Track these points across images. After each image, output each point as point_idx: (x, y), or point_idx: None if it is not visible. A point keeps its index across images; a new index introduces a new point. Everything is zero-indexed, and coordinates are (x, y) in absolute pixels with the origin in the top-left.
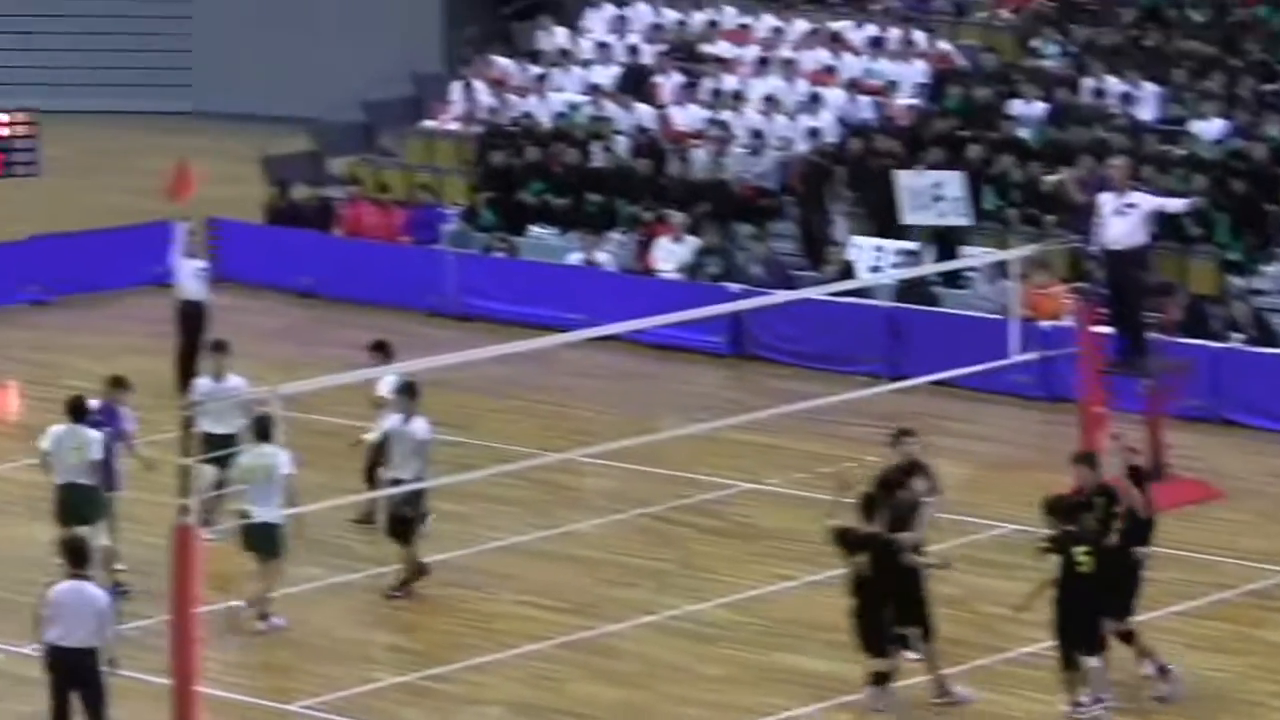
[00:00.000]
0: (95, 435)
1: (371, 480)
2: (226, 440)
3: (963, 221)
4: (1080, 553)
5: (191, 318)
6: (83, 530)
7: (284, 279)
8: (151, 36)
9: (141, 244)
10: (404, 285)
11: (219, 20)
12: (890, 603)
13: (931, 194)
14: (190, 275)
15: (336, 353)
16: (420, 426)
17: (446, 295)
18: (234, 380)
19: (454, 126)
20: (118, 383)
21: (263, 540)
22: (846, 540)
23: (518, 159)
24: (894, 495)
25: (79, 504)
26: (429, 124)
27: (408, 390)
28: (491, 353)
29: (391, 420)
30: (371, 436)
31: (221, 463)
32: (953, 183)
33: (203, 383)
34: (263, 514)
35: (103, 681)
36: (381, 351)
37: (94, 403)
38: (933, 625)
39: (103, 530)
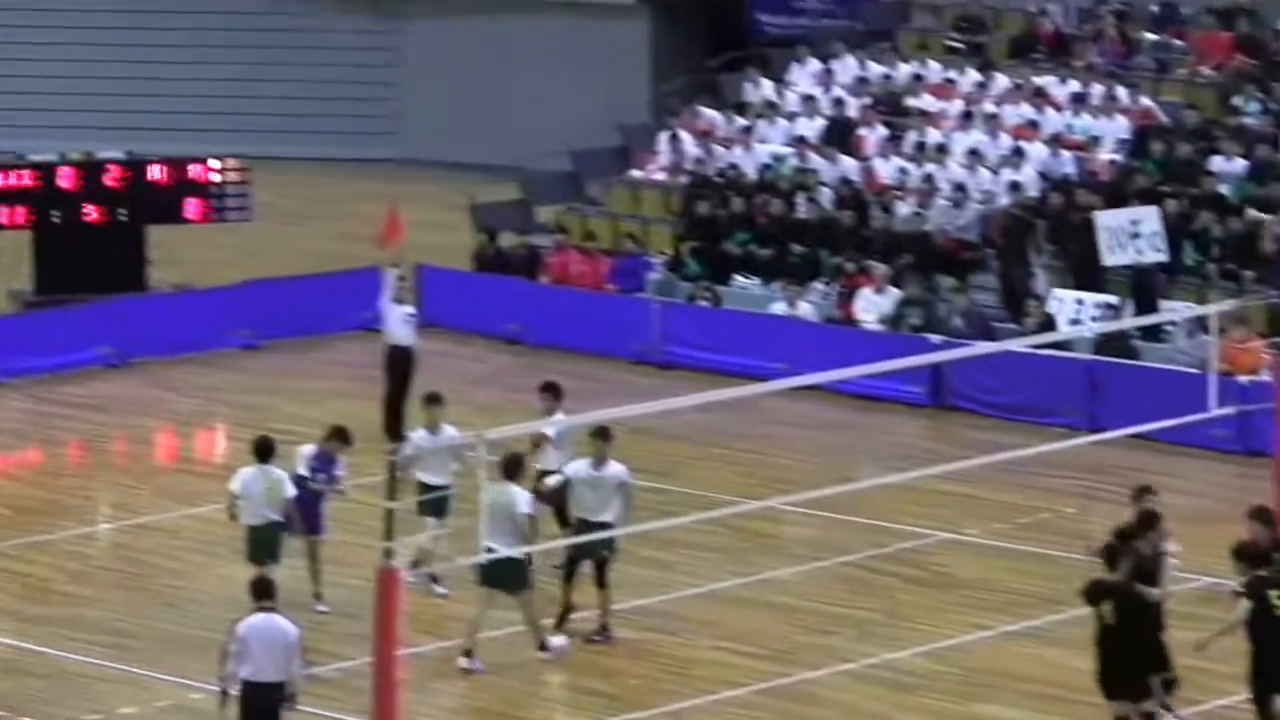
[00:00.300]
0: (283, 474)
1: (565, 522)
2: (441, 490)
3: (1160, 258)
4: (1275, 596)
5: (399, 363)
6: (272, 566)
7: (491, 325)
8: (362, 85)
9: (350, 289)
10: (609, 332)
11: (429, 69)
12: (1133, 650)
13: (1129, 231)
14: (399, 321)
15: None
16: (619, 470)
17: (650, 343)
18: (449, 432)
19: (660, 176)
20: (340, 434)
21: (507, 575)
22: (1093, 590)
23: (723, 209)
24: (1133, 547)
25: (269, 542)
26: (635, 174)
27: (601, 434)
28: (694, 401)
29: (578, 464)
30: (555, 480)
31: (436, 511)
32: (1149, 218)
33: (419, 435)
34: (504, 550)
35: (284, 717)
36: (551, 392)
37: (309, 448)
38: (1174, 673)
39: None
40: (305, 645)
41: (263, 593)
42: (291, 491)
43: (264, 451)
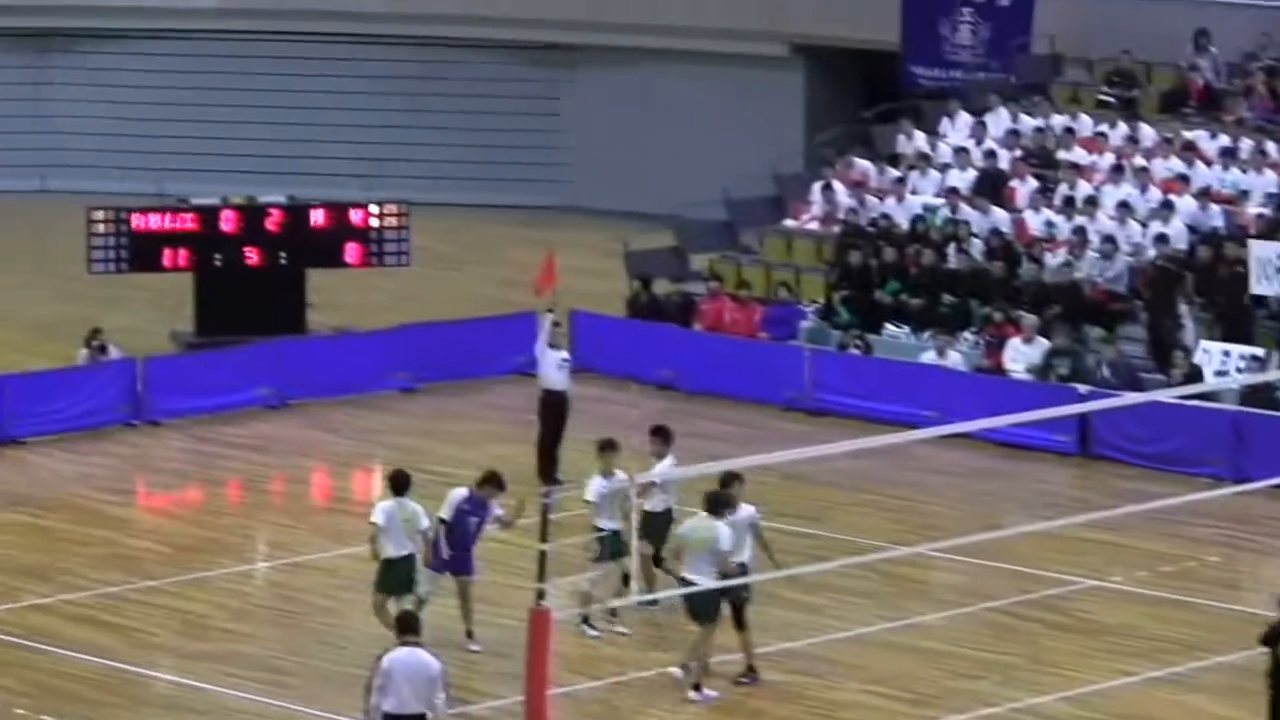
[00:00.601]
0: (419, 508)
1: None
2: (615, 534)
3: None
4: None
5: (553, 407)
6: (404, 598)
7: (644, 371)
8: (522, 133)
9: (506, 334)
10: (760, 379)
11: (589, 118)
12: None
13: (1276, 264)
14: (553, 366)
15: (693, 444)
16: (750, 511)
17: (802, 390)
18: (622, 477)
19: (813, 226)
20: (493, 479)
21: (702, 606)
22: (1270, 634)
23: (875, 259)
24: None
25: (403, 574)
26: (789, 223)
27: (733, 480)
28: (845, 447)
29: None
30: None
31: (611, 554)
32: None
33: (596, 482)
34: (702, 582)
35: None
36: (661, 437)
37: (461, 491)
38: None
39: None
40: (450, 680)
41: (407, 627)
42: (426, 524)
43: (400, 485)
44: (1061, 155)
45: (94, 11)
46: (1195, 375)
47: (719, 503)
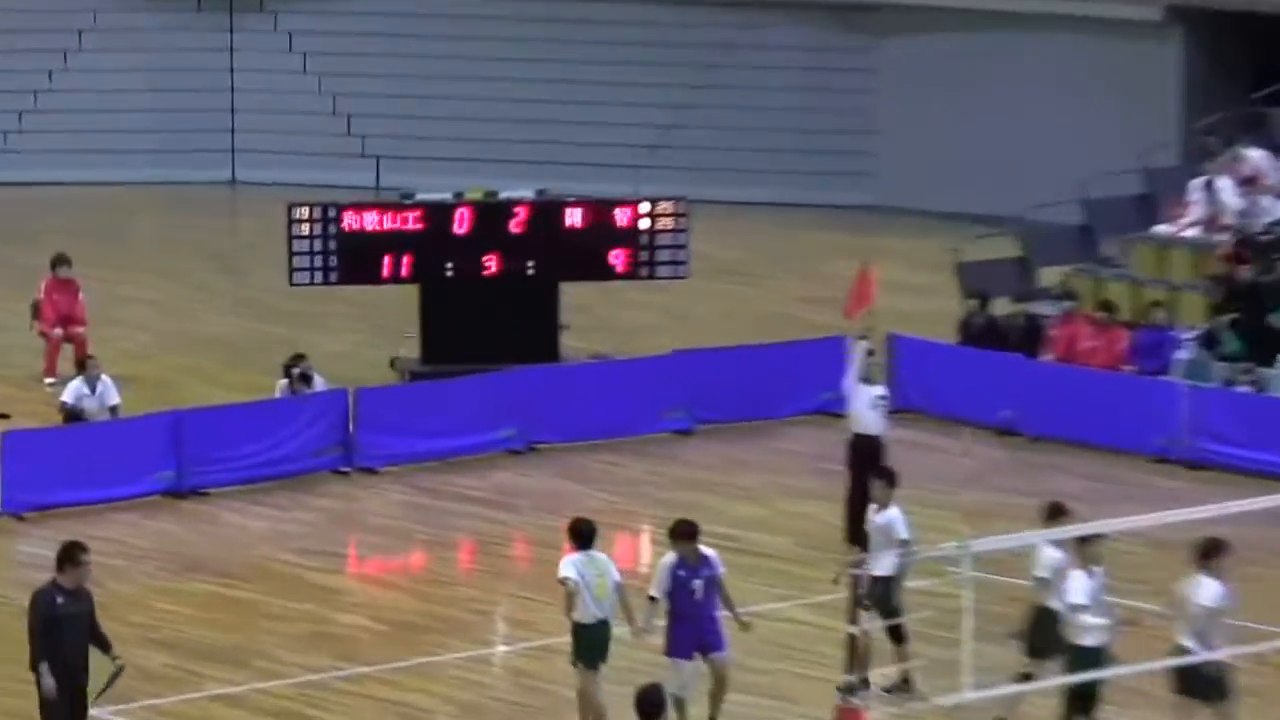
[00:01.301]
0: (608, 560)
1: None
2: (886, 584)
3: None
4: None
5: (865, 455)
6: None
7: (978, 411)
8: (826, 115)
9: (807, 363)
10: (1125, 422)
11: (905, 96)
12: None
13: None
14: (866, 404)
15: (1038, 502)
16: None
17: (1177, 436)
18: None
19: (1192, 233)
20: (682, 532)
21: (1205, 683)
22: None
23: (1269, 275)
24: None
25: (600, 641)
26: (1162, 229)
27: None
28: (1231, 509)
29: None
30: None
31: (884, 611)
32: None
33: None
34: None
35: None
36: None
37: (669, 556)
38: None
39: None
40: None
41: (650, 710)
42: (618, 577)
43: (585, 535)
44: None
45: None
46: None
47: (1210, 551)
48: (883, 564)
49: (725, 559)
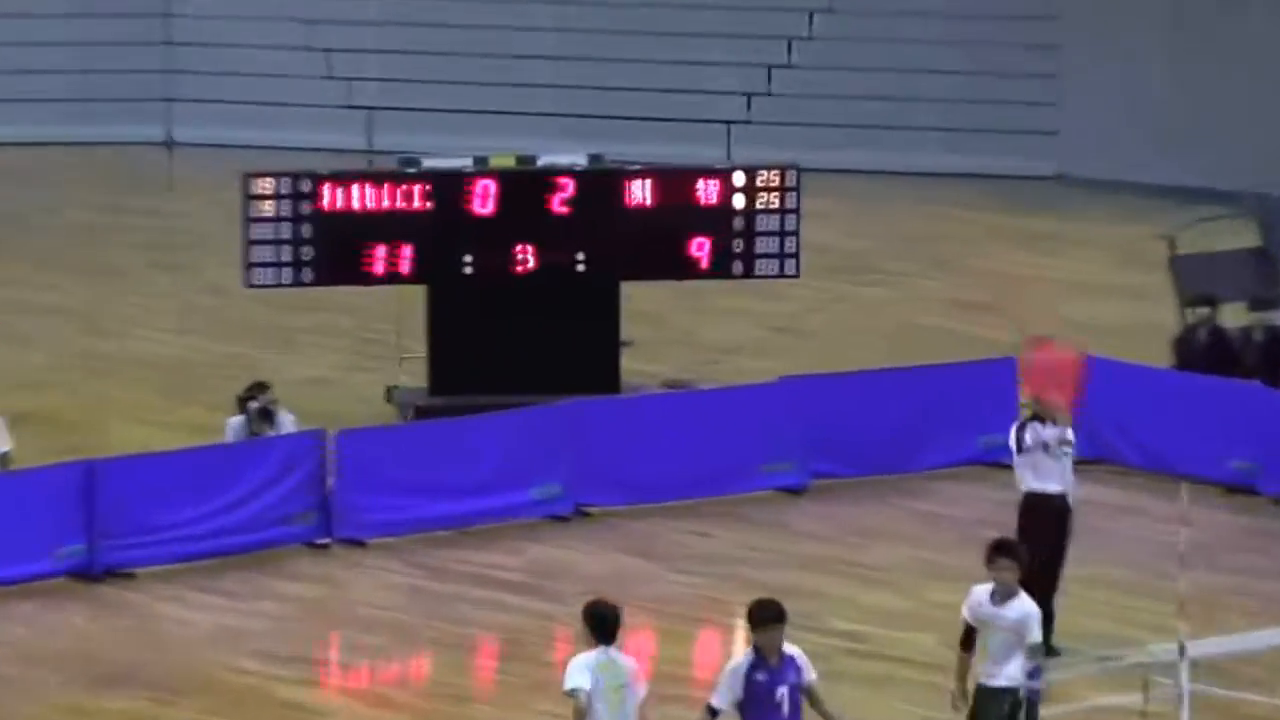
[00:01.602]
0: (631, 664)
1: None
2: (1012, 701)
3: None
4: None
5: (1046, 519)
6: None
7: (1202, 462)
8: (988, 53)
9: (961, 394)
10: None
11: (1098, 39)
12: None
13: None
14: (1039, 449)
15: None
16: None
17: None
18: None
19: None
20: (763, 615)
21: None
22: None
23: None
24: None
25: None
26: None
27: None
28: None
29: None
30: None
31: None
32: None
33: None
34: None
35: None
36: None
37: (743, 655)
38: None
39: None
40: None
41: None
42: (641, 692)
43: (606, 625)
44: None
45: None
46: None
47: None
48: (1007, 672)
49: (845, 665)
